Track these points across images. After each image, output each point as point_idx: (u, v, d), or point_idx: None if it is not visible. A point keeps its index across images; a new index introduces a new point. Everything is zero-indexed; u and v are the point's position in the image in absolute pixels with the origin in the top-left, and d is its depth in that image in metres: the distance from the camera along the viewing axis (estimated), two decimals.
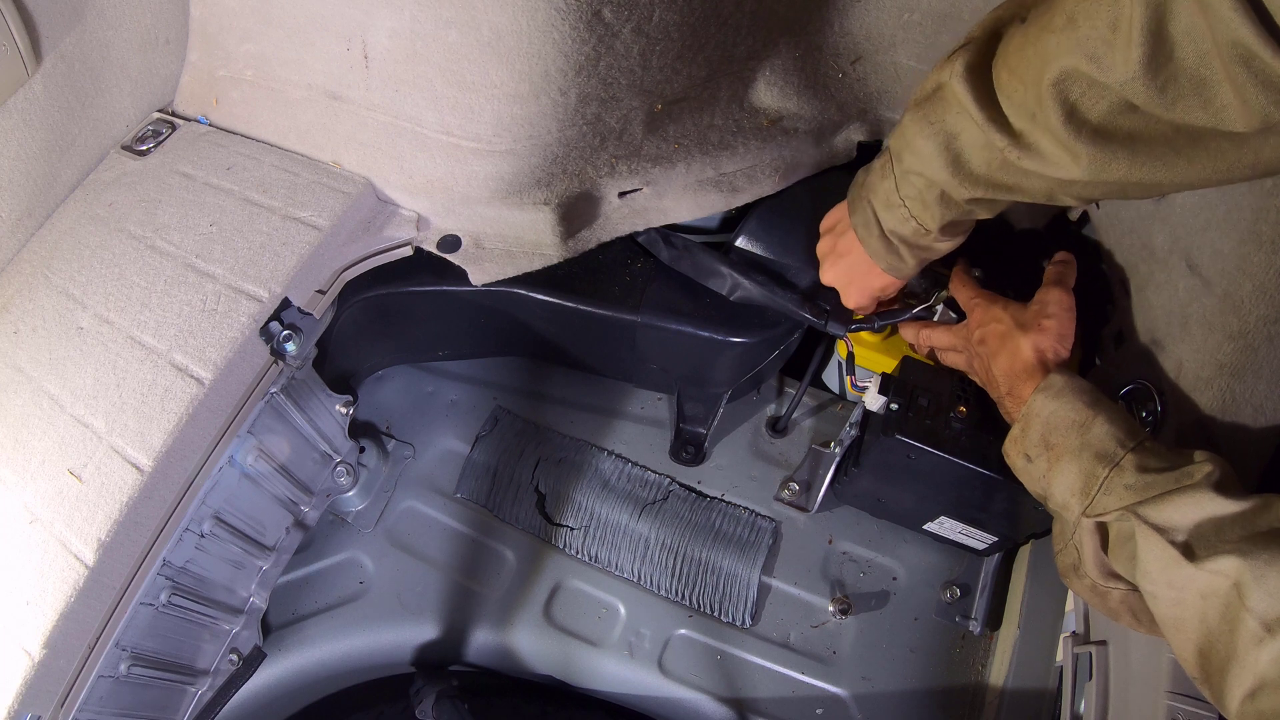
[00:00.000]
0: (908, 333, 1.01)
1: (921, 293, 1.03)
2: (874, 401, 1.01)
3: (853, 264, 0.93)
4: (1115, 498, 0.66)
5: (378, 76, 0.97)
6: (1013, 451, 0.79)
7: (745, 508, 1.23)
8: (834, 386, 1.30)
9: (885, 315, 1.04)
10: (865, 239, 0.88)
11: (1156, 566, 0.61)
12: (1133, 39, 0.53)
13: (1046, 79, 0.59)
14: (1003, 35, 0.67)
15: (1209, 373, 0.76)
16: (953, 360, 0.96)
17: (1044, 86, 0.60)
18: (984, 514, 1.04)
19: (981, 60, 0.67)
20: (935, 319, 1.02)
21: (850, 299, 0.98)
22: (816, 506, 1.19)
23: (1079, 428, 0.72)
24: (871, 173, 0.85)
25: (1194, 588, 0.59)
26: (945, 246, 0.85)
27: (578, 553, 1.21)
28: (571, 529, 1.22)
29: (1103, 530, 0.68)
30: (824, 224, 1.00)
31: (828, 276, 0.98)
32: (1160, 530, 0.61)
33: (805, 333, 1.18)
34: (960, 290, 0.94)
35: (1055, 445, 0.73)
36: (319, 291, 0.96)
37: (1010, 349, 0.83)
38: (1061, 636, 0.92)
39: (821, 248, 0.99)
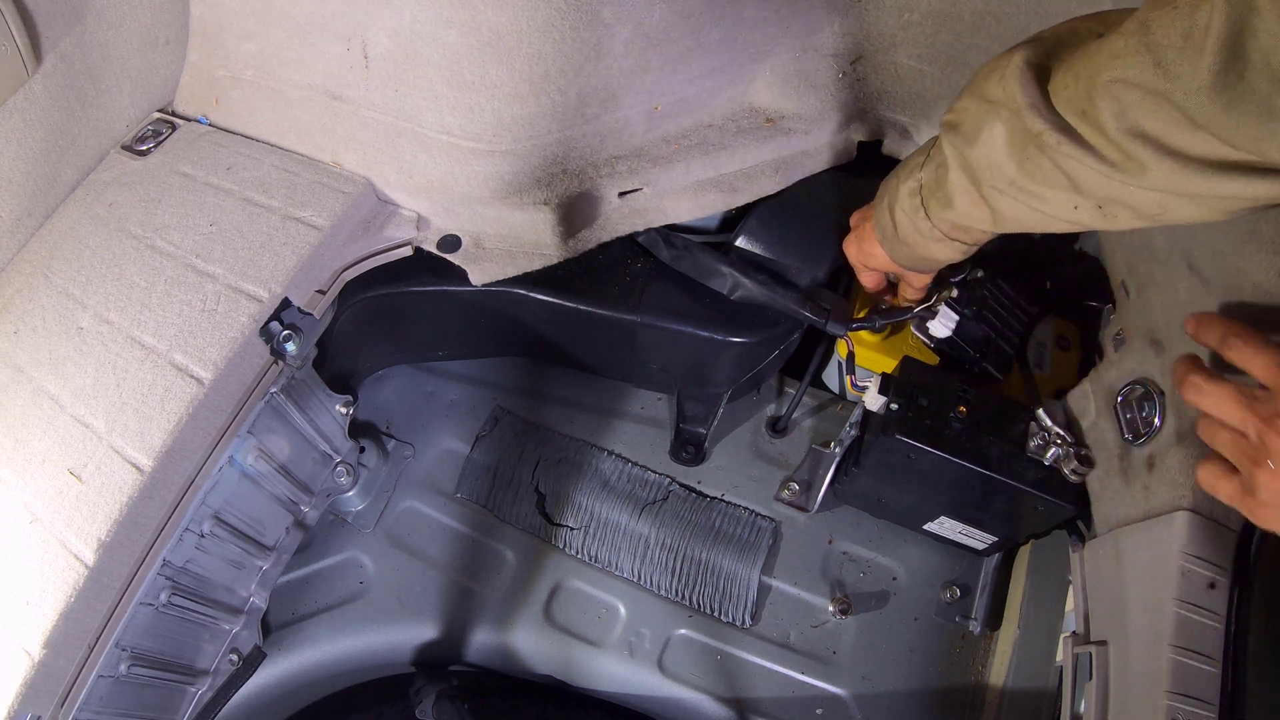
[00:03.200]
0: (1191, 392, 0.65)
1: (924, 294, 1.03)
2: (874, 401, 1.01)
3: (865, 218, 0.97)
4: None
5: (378, 76, 0.97)
6: None
7: (745, 508, 1.23)
8: (834, 386, 1.30)
9: (885, 314, 1.04)
10: (878, 203, 0.90)
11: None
12: (1205, 48, 0.51)
13: (1105, 76, 0.58)
14: (1070, 43, 0.66)
15: None
16: (1221, 442, 0.64)
17: (1100, 83, 0.59)
18: (984, 514, 1.04)
19: (1042, 59, 0.66)
20: (935, 319, 1.02)
21: (849, 243, 1.00)
22: (816, 506, 1.19)
23: None
24: (918, 149, 0.85)
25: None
26: (937, 250, 0.84)
27: (578, 553, 1.21)
28: (571, 529, 1.22)
29: None
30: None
31: (855, 217, 1.01)
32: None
33: (805, 333, 1.18)
34: (1260, 354, 0.61)
35: None
36: (319, 291, 0.96)
37: None
38: (1061, 636, 0.92)
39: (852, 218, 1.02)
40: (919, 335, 1.07)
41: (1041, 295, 1.14)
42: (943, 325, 1.01)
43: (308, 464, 1.12)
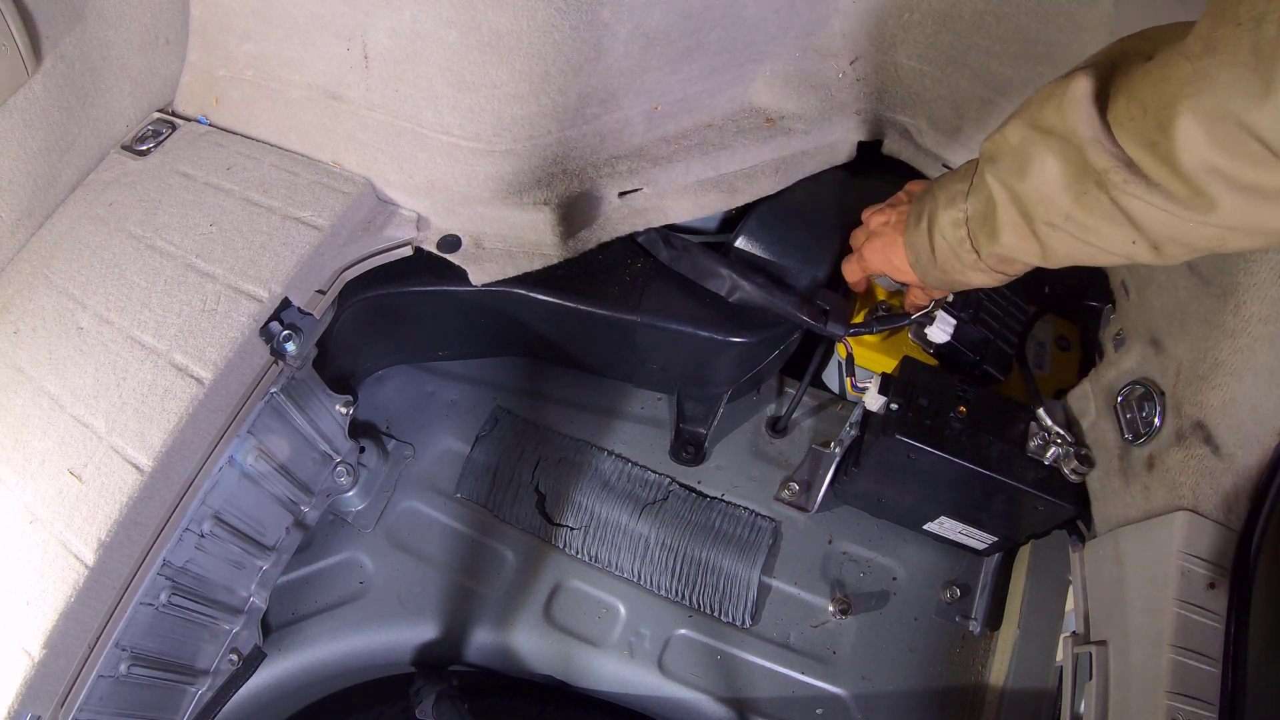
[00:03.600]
0: None
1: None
2: (874, 401, 1.01)
3: (894, 228, 0.92)
4: None
5: (378, 76, 0.97)
6: None
7: (745, 508, 1.23)
8: (834, 386, 1.30)
9: (884, 320, 1.04)
10: (913, 225, 0.86)
11: None
12: (1277, 60, 0.48)
13: (1179, 107, 0.54)
14: (1123, 67, 0.62)
15: (1208, 372, 0.76)
16: None
17: (1174, 115, 0.55)
18: (984, 514, 1.04)
19: (1101, 86, 0.62)
20: (933, 324, 1.02)
21: (873, 248, 0.95)
22: (816, 506, 1.19)
23: None
24: (956, 171, 0.81)
25: None
26: (975, 278, 0.81)
27: (578, 553, 1.21)
28: (571, 529, 1.22)
29: None
30: (912, 185, 0.96)
31: (876, 220, 0.95)
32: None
33: (805, 333, 1.18)
34: None
35: None
36: (319, 291, 0.96)
37: None
38: (1061, 636, 0.92)
39: (894, 200, 0.96)
40: (917, 342, 1.07)
41: (1037, 293, 1.14)
42: (941, 330, 1.01)
43: (308, 464, 1.12)
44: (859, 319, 1.09)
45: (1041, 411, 0.93)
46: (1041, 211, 0.68)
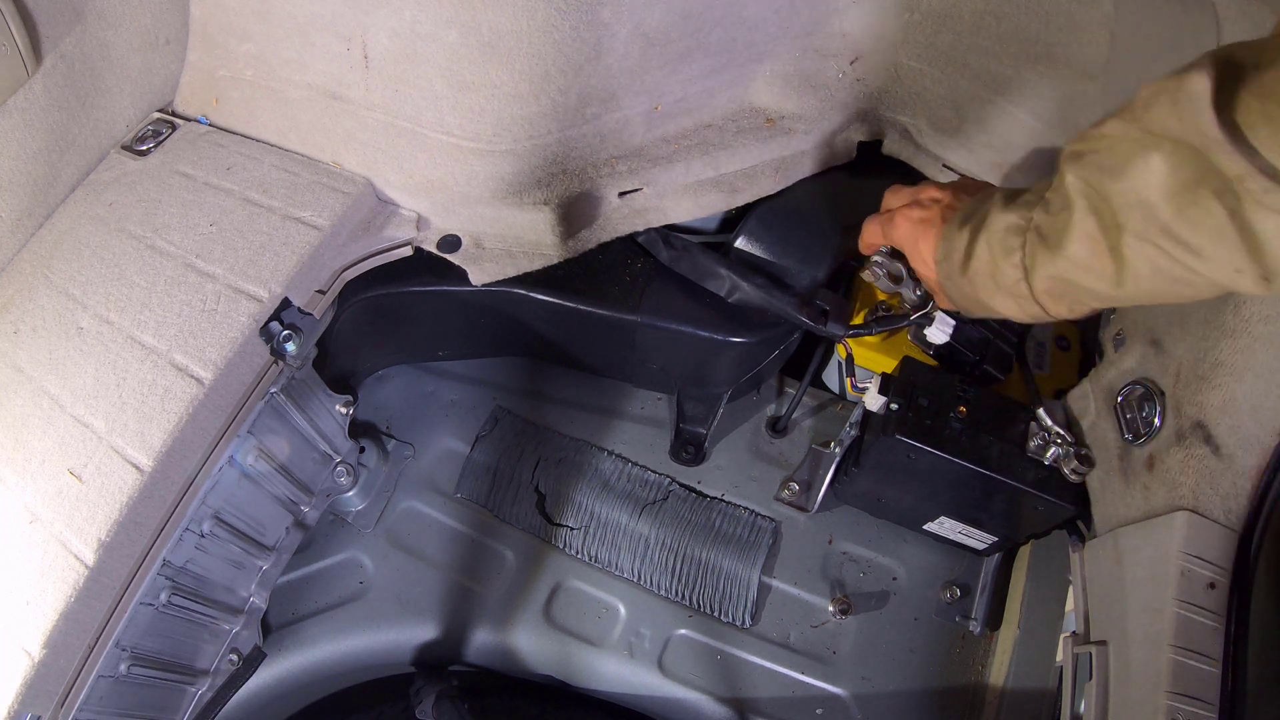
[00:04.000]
0: None
1: (919, 300, 1.03)
2: (874, 401, 1.01)
3: (940, 211, 0.83)
4: None
5: (378, 76, 0.97)
6: None
7: (745, 508, 1.23)
8: (834, 386, 1.30)
9: (883, 322, 1.04)
10: (958, 220, 0.77)
11: None
12: None
13: None
14: (1239, 71, 0.53)
15: (1208, 372, 0.76)
16: None
17: None
18: (984, 514, 1.04)
19: (1219, 85, 0.53)
20: (933, 325, 1.02)
21: (906, 216, 0.86)
22: (816, 506, 1.19)
23: None
24: (1028, 186, 0.72)
25: None
26: (1002, 304, 0.73)
27: (578, 553, 1.21)
28: (571, 529, 1.22)
29: None
30: (962, 181, 0.88)
31: (928, 193, 0.86)
32: None
33: (805, 332, 1.18)
34: None
35: None
36: (319, 291, 0.96)
37: None
38: (1061, 636, 0.92)
39: (958, 184, 0.87)
40: (917, 343, 1.07)
41: None
42: (940, 331, 1.01)
43: (308, 464, 1.12)
44: (859, 320, 1.09)
45: (1041, 411, 0.93)
46: (1136, 220, 0.59)
